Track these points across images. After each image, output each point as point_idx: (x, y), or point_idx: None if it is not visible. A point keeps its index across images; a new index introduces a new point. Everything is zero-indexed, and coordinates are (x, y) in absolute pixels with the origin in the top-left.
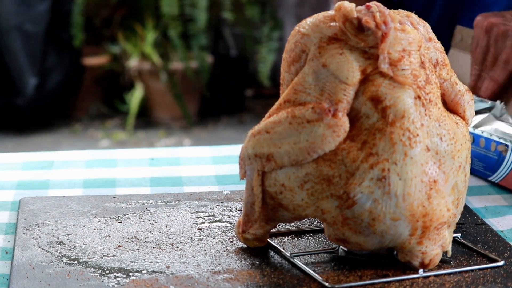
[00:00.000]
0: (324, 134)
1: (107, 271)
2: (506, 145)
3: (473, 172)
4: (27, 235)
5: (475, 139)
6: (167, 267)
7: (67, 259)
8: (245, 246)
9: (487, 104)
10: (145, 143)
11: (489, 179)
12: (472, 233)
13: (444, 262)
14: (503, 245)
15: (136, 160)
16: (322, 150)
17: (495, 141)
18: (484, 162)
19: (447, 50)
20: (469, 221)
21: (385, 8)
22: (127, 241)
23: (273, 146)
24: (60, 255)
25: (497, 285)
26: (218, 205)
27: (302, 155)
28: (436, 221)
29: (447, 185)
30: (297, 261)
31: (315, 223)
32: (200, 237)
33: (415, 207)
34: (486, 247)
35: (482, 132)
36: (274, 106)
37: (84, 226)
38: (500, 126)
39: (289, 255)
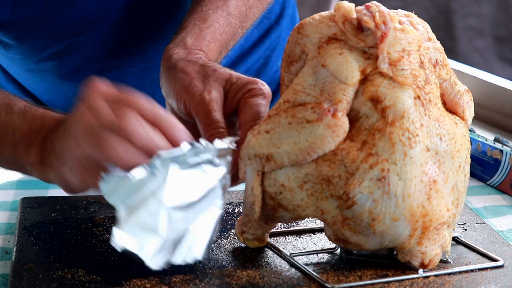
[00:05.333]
0: (324, 134)
1: (108, 271)
2: (501, 151)
3: (472, 175)
4: (27, 235)
5: (472, 143)
6: (167, 267)
7: (67, 259)
8: (245, 246)
9: None
10: None
11: (488, 183)
12: (472, 233)
13: (444, 262)
14: (503, 245)
15: None
16: (322, 150)
17: (490, 146)
18: (481, 166)
19: None
20: (469, 221)
21: (385, 8)
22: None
23: (273, 146)
24: (60, 255)
25: (497, 285)
26: None
27: (302, 155)
28: (435, 221)
29: (447, 185)
30: (297, 261)
31: (315, 223)
32: None
33: (415, 207)
34: (486, 247)
35: (478, 137)
36: (274, 106)
37: (84, 226)
38: None
39: (289, 255)
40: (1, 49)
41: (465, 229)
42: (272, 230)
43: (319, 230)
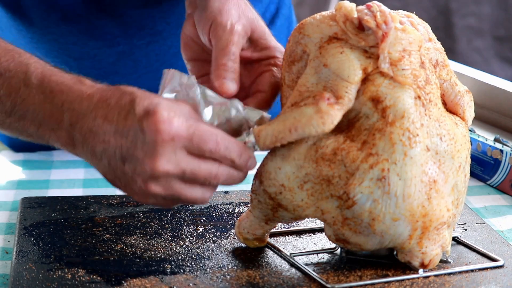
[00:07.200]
0: (312, 116)
1: (108, 271)
2: (501, 151)
3: (472, 175)
4: (27, 235)
5: (472, 143)
6: (167, 267)
7: (67, 259)
8: (245, 246)
9: None
10: None
11: (488, 183)
12: (472, 233)
13: (444, 262)
14: (503, 245)
15: None
16: (303, 131)
17: (490, 146)
18: (482, 166)
19: None
20: (469, 221)
21: (386, 7)
22: (127, 241)
23: (267, 125)
24: (60, 255)
25: (497, 285)
26: (218, 205)
27: (284, 132)
28: (436, 221)
29: (447, 185)
30: (297, 261)
31: (315, 223)
32: (199, 237)
33: (415, 207)
34: (486, 247)
35: (478, 137)
36: (282, 111)
37: (84, 226)
38: None
39: (289, 255)
40: (11, 16)
41: (465, 229)
42: (272, 230)
43: (319, 230)
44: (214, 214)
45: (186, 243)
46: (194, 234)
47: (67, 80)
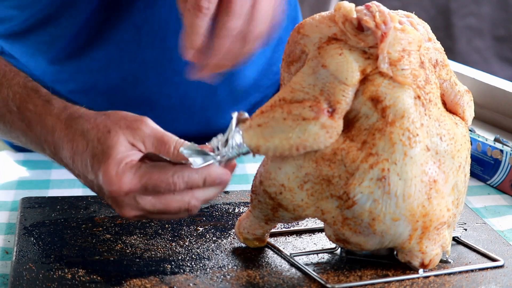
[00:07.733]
0: (318, 133)
1: (108, 271)
2: (501, 151)
3: (472, 175)
4: (27, 235)
5: (472, 143)
6: (167, 267)
7: (67, 259)
8: (245, 246)
9: None
10: None
11: (488, 183)
12: (472, 233)
13: (444, 262)
14: (503, 245)
15: None
16: (311, 148)
17: (490, 146)
18: (482, 166)
19: None
20: (469, 221)
21: (385, 8)
22: (127, 241)
23: (262, 139)
24: (60, 255)
25: (497, 285)
26: (218, 205)
27: (290, 150)
28: (436, 221)
29: (447, 185)
30: (297, 261)
31: (315, 223)
32: (199, 237)
33: (415, 207)
34: (486, 247)
35: (478, 137)
36: (268, 103)
37: (84, 226)
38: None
39: (289, 255)
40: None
41: (465, 229)
42: (272, 230)
43: (319, 230)
44: (214, 214)
45: (186, 243)
46: (194, 234)
47: (40, 109)
